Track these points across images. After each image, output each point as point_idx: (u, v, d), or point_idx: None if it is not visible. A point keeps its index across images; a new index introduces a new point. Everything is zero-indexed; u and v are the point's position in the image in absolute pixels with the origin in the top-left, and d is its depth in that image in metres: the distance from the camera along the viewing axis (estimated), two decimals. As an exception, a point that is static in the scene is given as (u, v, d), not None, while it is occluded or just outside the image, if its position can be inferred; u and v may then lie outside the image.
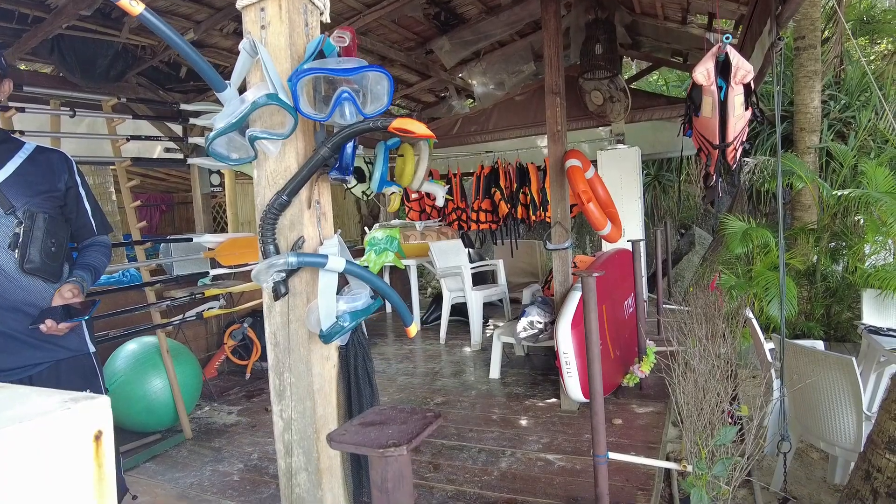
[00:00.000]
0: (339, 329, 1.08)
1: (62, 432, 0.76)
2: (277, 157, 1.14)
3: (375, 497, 0.83)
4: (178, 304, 3.74)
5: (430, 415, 0.96)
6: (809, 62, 6.05)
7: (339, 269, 1.11)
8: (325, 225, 1.21)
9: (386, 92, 1.10)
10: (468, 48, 5.01)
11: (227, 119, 1.04)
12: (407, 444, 0.83)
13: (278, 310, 1.17)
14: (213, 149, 1.07)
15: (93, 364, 1.74)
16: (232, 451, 3.22)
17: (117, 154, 3.51)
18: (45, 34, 3.29)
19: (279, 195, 1.11)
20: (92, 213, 1.84)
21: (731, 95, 2.64)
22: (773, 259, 5.09)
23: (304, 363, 1.16)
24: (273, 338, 1.18)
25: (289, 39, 1.13)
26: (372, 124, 1.10)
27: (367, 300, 1.15)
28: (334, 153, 1.11)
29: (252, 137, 1.08)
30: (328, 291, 1.09)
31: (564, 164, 3.34)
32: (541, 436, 3.12)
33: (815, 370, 2.79)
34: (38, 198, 1.65)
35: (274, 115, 1.11)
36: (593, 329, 2.09)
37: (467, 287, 5.09)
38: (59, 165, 1.76)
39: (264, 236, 1.12)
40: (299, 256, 1.07)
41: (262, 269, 1.07)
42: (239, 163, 1.12)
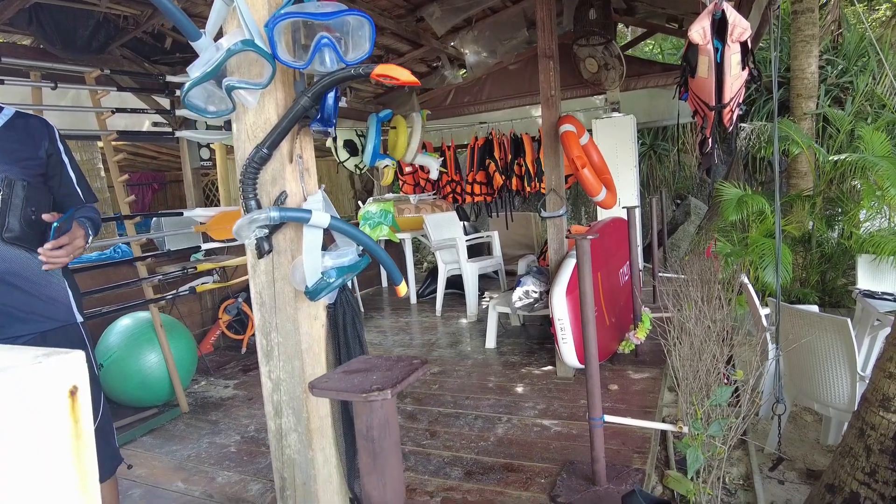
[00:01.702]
0: (326, 285, 1.05)
1: (34, 387, 0.73)
2: (256, 109, 1.10)
3: (361, 446, 0.81)
4: (171, 278, 3.71)
5: (417, 361, 0.94)
6: (807, 26, 5.94)
7: (323, 224, 1.07)
8: (309, 180, 1.17)
9: (368, 38, 1.06)
10: (459, 15, 4.90)
11: (202, 68, 0.99)
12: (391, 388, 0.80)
13: (262, 268, 1.14)
14: (189, 100, 1.03)
15: (80, 334, 1.70)
16: (229, 424, 3.23)
17: (102, 127, 3.44)
18: (22, 3, 3.18)
19: (259, 148, 1.06)
20: (77, 181, 1.77)
21: (727, 54, 2.58)
22: (769, 226, 5.06)
23: (292, 322, 1.13)
24: (258, 297, 1.16)
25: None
26: (353, 71, 1.05)
27: (354, 257, 1.12)
28: (315, 103, 1.07)
29: (229, 87, 1.03)
30: (313, 247, 1.06)
31: (558, 129, 3.29)
32: (537, 402, 3.13)
33: (810, 332, 2.78)
34: (16, 166, 1.58)
35: (252, 65, 1.07)
36: (588, 291, 2.07)
37: (462, 259, 5.07)
38: (38, 131, 1.68)
39: (245, 191, 1.09)
40: (281, 211, 1.04)
41: (244, 225, 1.03)
42: (217, 115, 1.07)
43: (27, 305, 1.59)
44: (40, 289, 1.60)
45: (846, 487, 1.97)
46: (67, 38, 3.63)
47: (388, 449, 0.80)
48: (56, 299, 1.65)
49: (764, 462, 2.82)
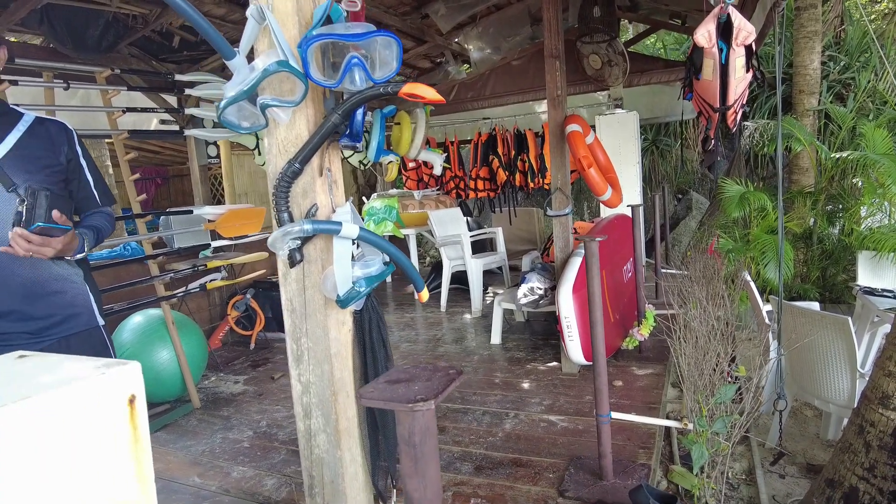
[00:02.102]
0: (356, 294, 1.10)
1: (98, 397, 0.78)
2: (288, 124, 1.14)
3: (403, 451, 0.86)
4: (181, 275, 3.77)
5: (453, 371, 1.00)
6: (809, 22, 5.98)
7: (353, 235, 1.12)
8: (337, 192, 1.22)
9: (395, 57, 1.10)
10: (464, 12, 4.92)
11: (237, 87, 1.04)
12: (434, 398, 0.86)
13: (294, 277, 1.19)
14: (225, 117, 1.07)
15: (103, 337, 1.75)
16: (241, 419, 3.29)
17: (114, 126, 3.48)
18: (34, 3, 3.21)
19: (291, 163, 1.11)
20: (94, 184, 1.80)
21: (732, 58, 2.62)
22: (771, 222, 5.11)
23: (322, 328, 1.18)
24: (289, 304, 1.21)
25: (296, 5, 1.12)
26: (382, 90, 1.10)
27: (380, 266, 1.17)
28: (345, 120, 1.12)
29: (263, 105, 1.08)
30: (343, 258, 1.11)
31: (565, 129, 3.33)
32: (543, 398, 3.19)
33: (811, 330, 2.84)
34: (39, 174, 1.61)
35: (284, 82, 1.11)
36: (596, 292, 2.13)
37: (467, 255, 5.12)
38: (58, 137, 1.70)
39: (278, 204, 1.14)
40: (314, 223, 1.09)
41: (278, 237, 1.08)
42: (250, 130, 1.12)
43: (51, 311, 1.63)
44: (63, 295, 1.65)
45: (846, 482, 2.04)
46: (78, 38, 3.67)
47: (429, 454, 0.85)
48: (78, 304, 1.69)
49: (765, 457, 2.89)
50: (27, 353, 0.94)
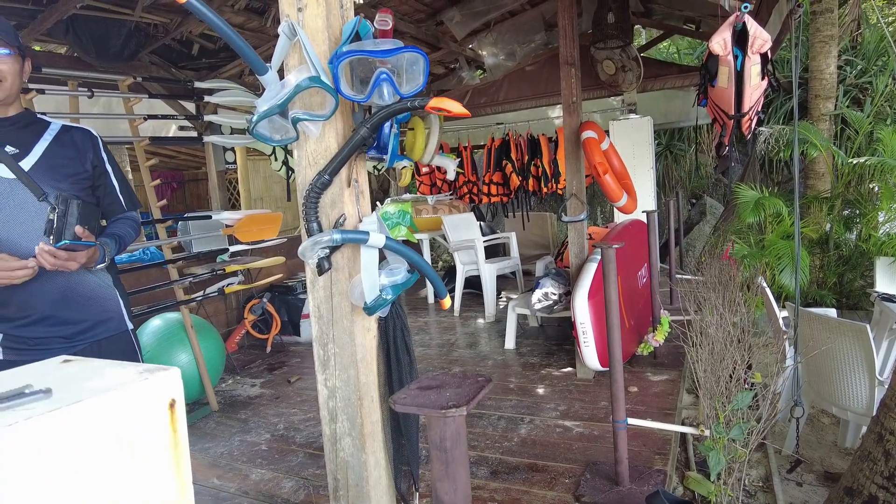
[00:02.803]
0: (383, 302, 1.13)
1: (141, 401, 0.82)
2: (318, 137, 1.18)
3: (434, 455, 0.89)
4: (200, 280, 3.82)
5: (482, 379, 1.02)
6: (826, 26, 5.94)
7: (379, 244, 1.15)
8: (364, 202, 1.26)
9: (422, 72, 1.13)
10: (479, 18, 4.96)
11: (270, 102, 1.08)
12: (466, 405, 0.88)
13: (321, 284, 1.23)
14: (258, 131, 1.11)
15: (132, 341, 1.80)
16: (258, 422, 3.33)
17: (135, 133, 3.55)
18: (60, 14, 3.30)
19: (321, 175, 1.15)
20: (119, 189, 1.83)
21: (747, 65, 2.63)
22: (786, 228, 5.09)
23: (348, 334, 1.21)
24: (317, 311, 1.24)
25: (326, 21, 1.16)
26: (409, 104, 1.13)
27: (405, 274, 1.20)
28: (373, 133, 1.15)
29: (295, 119, 1.11)
30: (371, 266, 1.14)
31: (580, 135, 3.35)
32: (558, 403, 3.20)
33: (829, 337, 2.83)
34: (66, 182, 1.65)
35: (314, 96, 1.15)
36: (612, 299, 2.14)
37: (480, 260, 5.14)
38: (83, 144, 1.74)
39: (307, 215, 1.17)
40: (343, 233, 1.12)
41: (308, 247, 1.12)
42: (281, 143, 1.16)
43: (84, 316, 1.67)
44: (95, 301, 1.69)
45: (864, 491, 2.03)
46: (101, 47, 3.75)
47: (459, 458, 0.88)
48: (109, 309, 1.74)
49: (782, 464, 2.88)
50: (71, 357, 0.98)
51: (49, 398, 0.73)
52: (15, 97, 1.64)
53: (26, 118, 1.70)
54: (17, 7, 3.28)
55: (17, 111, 1.67)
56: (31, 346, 1.61)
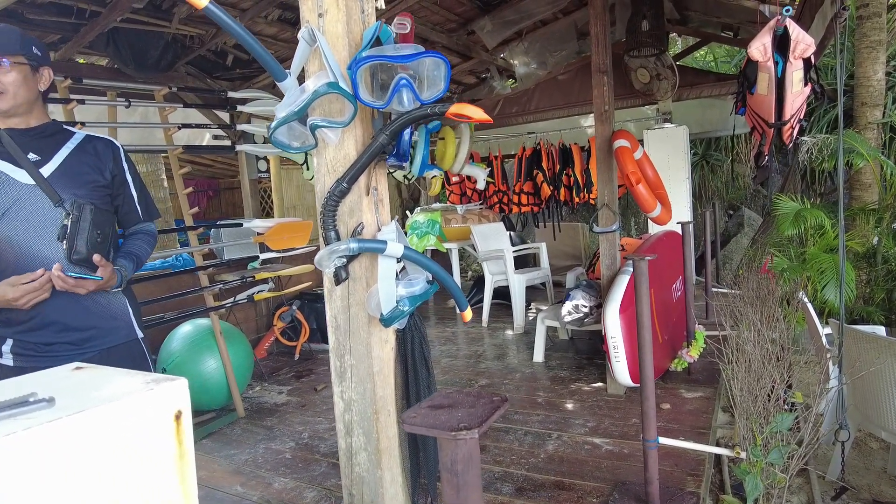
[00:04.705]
0: (400, 314, 1.10)
1: (146, 412, 0.80)
2: (337, 144, 1.16)
3: (445, 478, 0.85)
4: (230, 286, 3.87)
5: (497, 399, 0.98)
6: (873, 31, 5.71)
7: (397, 254, 1.12)
8: (383, 211, 1.23)
9: (443, 77, 1.10)
10: (510, 28, 4.93)
11: (288, 108, 1.06)
12: (478, 427, 0.84)
13: (339, 294, 1.20)
14: (276, 137, 1.09)
15: (142, 350, 1.80)
16: (283, 430, 3.33)
17: (169, 142, 3.63)
18: (101, 28, 3.40)
19: (339, 183, 1.12)
20: (138, 199, 1.85)
21: (789, 71, 2.53)
22: (829, 241, 4.88)
23: (365, 346, 1.18)
24: (334, 321, 1.21)
25: (346, 27, 1.14)
26: (430, 110, 1.10)
27: (424, 285, 1.17)
28: (392, 140, 1.12)
29: (313, 126, 1.09)
30: (388, 276, 1.11)
31: (612, 144, 3.27)
32: (587, 419, 3.11)
33: (878, 357, 2.68)
34: (84, 189, 1.67)
35: (333, 103, 1.13)
36: (644, 313, 2.07)
37: (510, 270, 5.08)
38: (104, 153, 1.76)
39: (325, 223, 1.15)
40: (360, 242, 1.09)
41: (325, 256, 1.09)
42: (300, 150, 1.14)
43: (92, 324, 1.68)
44: (103, 308, 1.70)
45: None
46: (139, 58, 3.85)
47: (471, 482, 0.83)
48: (118, 317, 1.74)
49: (826, 490, 2.73)
50: (83, 364, 0.97)
51: (52, 407, 0.72)
52: (27, 107, 1.64)
53: (51, 128, 1.73)
54: (62, 21, 3.40)
55: (41, 121, 1.70)
56: (40, 353, 1.62)
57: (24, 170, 1.60)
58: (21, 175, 1.60)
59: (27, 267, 1.57)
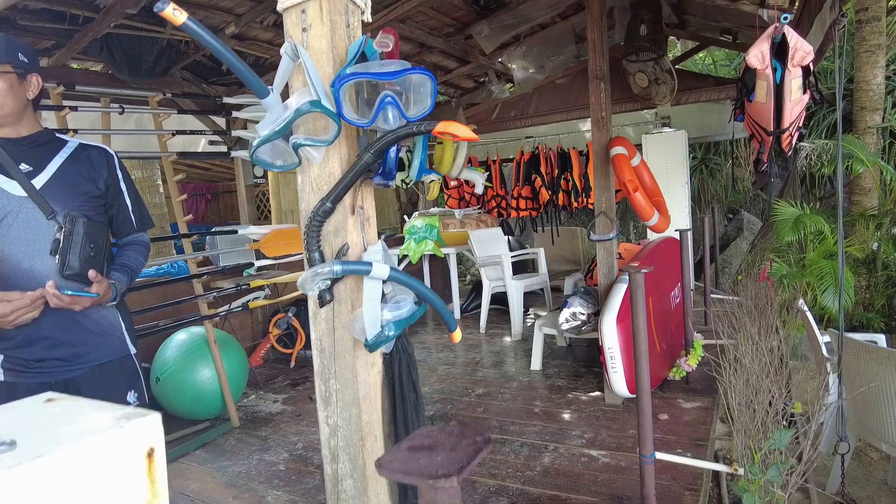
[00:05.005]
0: (385, 338, 1.07)
1: (116, 451, 0.76)
2: (321, 162, 1.12)
3: (425, 526, 0.82)
4: (225, 294, 3.83)
5: (480, 440, 0.94)
6: (872, 35, 5.69)
7: (383, 276, 1.09)
8: (369, 230, 1.19)
9: (429, 94, 1.07)
10: (508, 32, 4.90)
11: (270, 126, 1.03)
12: (458, 474, 0.81)
13: (323, 316, 1.17)
14: (258, 156, 1.06)
15: (134, 365, 1.77)
16: (277, 441, 3.29)
17: (163, 149, 3.60)
18: (95, 34, 3.36)
19: (323, 202, 1.09)
20: (132, 208, 1.82)
21: (787, 79, 2.49)
22: (828, 247, 4.85)
23: (350, 370, 1.15)
24: (319, 343, 1.18)
25: (330, 42, 1.11)
26: (416, 129, 1.06)
27: (411, 307, 1.14)
28: (378, 158, 1.09)
29: (296, 145, 1.06)
30: (373, 299, 1.07)
31: (609, 151, 3.24)
32: (584, 430, 3.08)
33: (878, 369, 2.64)
34: (77, 199, 1.64)
35: (317, 120, 1.09)
36: (641, 326, 2.03)
37: (507, 276, 5.05)
38: (98, 162, 1.73)
39: (309, 244, 1.11)
40: (344, 265, 1.06)
41: (308, 278, 1.06)
42: (283, 168, 1.11)
43: (84, 339, 1.65)
44: (96, 323, 1.67)
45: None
46: (134, 64, 3.81)
47: (453, 528, 0.80)
48: (110, 333, 1.71)
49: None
50: (55, 395, 0.94)
51: (13, 450, 0.68)
52: (16, 117, 1.61)
53: (43, 137, 1.69)
54: (55, 27, 3.36)
55: (32, 130, 1.67)
56: (30, 369, 1.59)
57: (16, 181, 1.57)
58: (13, 187, 1.57)
59: (19, 282, 1.54)
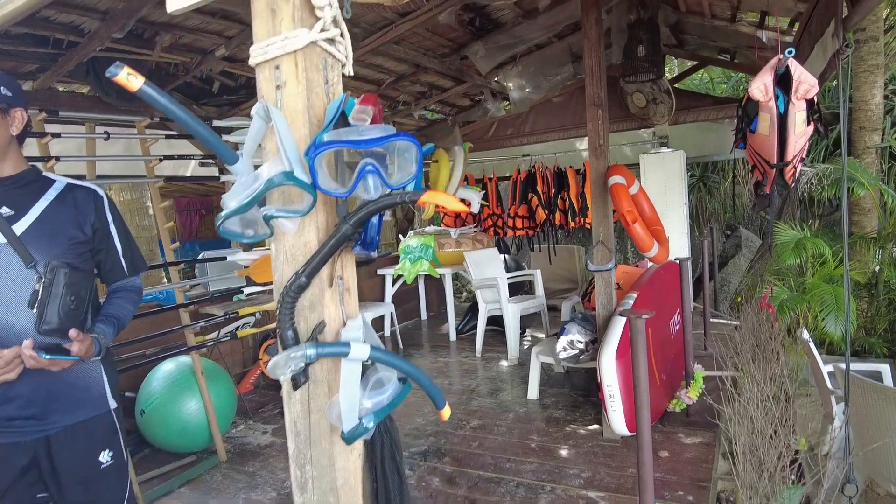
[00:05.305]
0: (363, 430, 0.98)
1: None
2: (297, 231, 1.03)
3: None
4: (214, 322, 3.73)
5: None
6: (871, 55, 5.65)
7: (363, 357, 1.00)
8: (349, 301, 1.10)
9: (414, 160, 0.98)
10: (504, 53, 4.84)
11: (238, 198, 0.94)
12: None
13: (298, 398, 1.07)
14: (226, 227, 0.97)
15: (113, 421, 1.67)
16: (265, 477, 3.18)
17: (151, 174, 3.51)
18: (81, 58, 3.28)
19: (297, 276, 1.00)
20: (122, 252, 1.72)
21: (791, 112, 2.42)
22: (830, 270, 4.78)
23: (327, 457, 1.06)
24: (293, 426, 1.09)
25: (307, 102, 1.02)
26: (399, 199, 0.98)
27: (394, 389, 1.04)
28: (358, 229, 1.00)
29: (267, 217, 0.97)
30: (350, 386, 0.98)
31: (607, 180, 3.16)
32: (582, 469, 2.98)
33: (885, 409, 2.56)
34: (60, 246, 1.55)
35: (291, 188, 1.01)
36: (642, 376, 1.94)
37: (503, 300, 4.96)
38: (85, 206, 1.64)
39: (282, 321, 1.02)
40: (319, 347, 0.97)
41: (280, 363, 0.97)
42: (255, 239, 1.02)
43: (63, 395, 1.56)
44: (76, 378, 1.58)
45: None
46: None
47: None
48: (91, 387, 1.62)
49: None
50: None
51: None
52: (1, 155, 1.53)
53: (28, 176, 1.61)
54: (38, 52, 3.28)
55: (16, 170, 1.59)
56: (2, 429, 1.50)
57: None
58: None
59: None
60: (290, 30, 1.02)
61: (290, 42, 1.00)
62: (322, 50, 1.05)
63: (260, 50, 1.05)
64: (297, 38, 1.00)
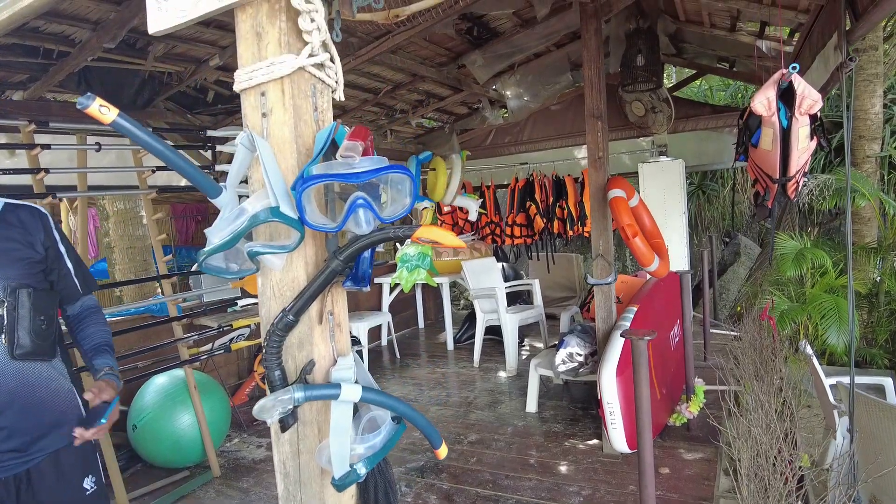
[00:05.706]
0: (355, 477, 0.93)
1: None
2: (284, 266, 0.99)
3: None
4: (207, 335, 3.68)
5: None
6: (870, 65, 5.62)
7: (354, 399, 0.95)
8: (340, 338, 1.05)
9: (408, 193, 0.94)
10: (502, 62, 4.80)
11: (221, 234, 0.89)
12: None
13: (287, 438, 1.02)
14: (208, 264, 0.92)
15: (92, 448, 1.61)
16: (259, 494, 3.13)
17: (143, 185, 3.47)
18: (72, 67, 3.23)
19: (285, 314, 0.95)
20: (74, 272, 1.65)
21: (794, 127, 2.38)
22: (831, 281, 4.74)
23: (318, 499, 1.01)
24: (282, 467, 1.04)
25: (294, 130, 0.97)
26: (392, 233, 0.93)
27: (388, 431, 0.99)
28: (348, 264, 0.95)
29: (252, 253, 0.92)
30: (341, 427, 0.93)
31: (607, 193, 3.12)
32: (582, 486, 2.93)
33: (891, 427, 2.50)
34: (15, 268, 1.47)
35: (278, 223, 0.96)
36: (644, 400, 1.89)
37: (501, 310, 4.91)
38: (32, 224, 1.55)
39: (269, 361, 0.97)
40: (307, 390, 0.92)
41: (267, 406, 0.92)
42: (239, 275, 0.97)
43: (40, 424, 1.50)
44: (52, 405, 1.52)
45: None
46: (114, 96, 3.68)
47: None
48: (66, 412, 1.56)
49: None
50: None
51: None
52: None
53: None
54: (28, 62, 3.23)
55: None
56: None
57: None
58: None
59: None
60: (277, 55, 0.97)
61: (276, 68, 0.96)
62: (311, 75, 1.00)
63: (245, 75, 1.00)
64: (283, 64, 0.95)
